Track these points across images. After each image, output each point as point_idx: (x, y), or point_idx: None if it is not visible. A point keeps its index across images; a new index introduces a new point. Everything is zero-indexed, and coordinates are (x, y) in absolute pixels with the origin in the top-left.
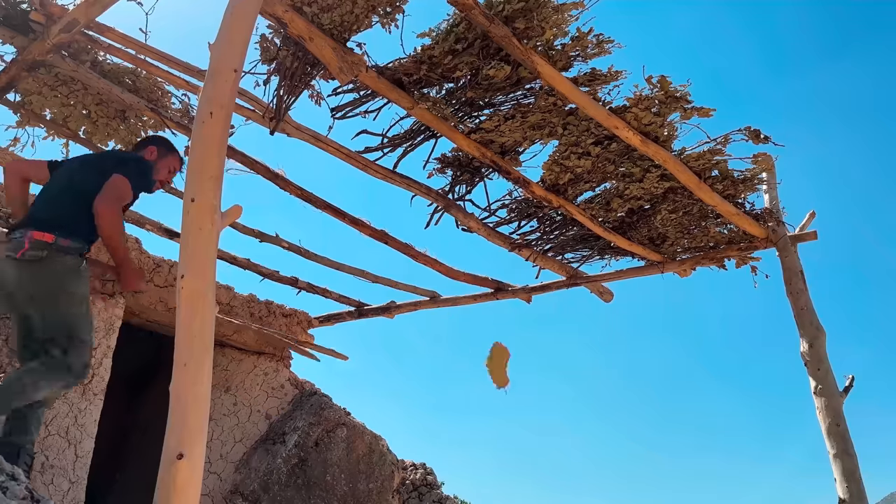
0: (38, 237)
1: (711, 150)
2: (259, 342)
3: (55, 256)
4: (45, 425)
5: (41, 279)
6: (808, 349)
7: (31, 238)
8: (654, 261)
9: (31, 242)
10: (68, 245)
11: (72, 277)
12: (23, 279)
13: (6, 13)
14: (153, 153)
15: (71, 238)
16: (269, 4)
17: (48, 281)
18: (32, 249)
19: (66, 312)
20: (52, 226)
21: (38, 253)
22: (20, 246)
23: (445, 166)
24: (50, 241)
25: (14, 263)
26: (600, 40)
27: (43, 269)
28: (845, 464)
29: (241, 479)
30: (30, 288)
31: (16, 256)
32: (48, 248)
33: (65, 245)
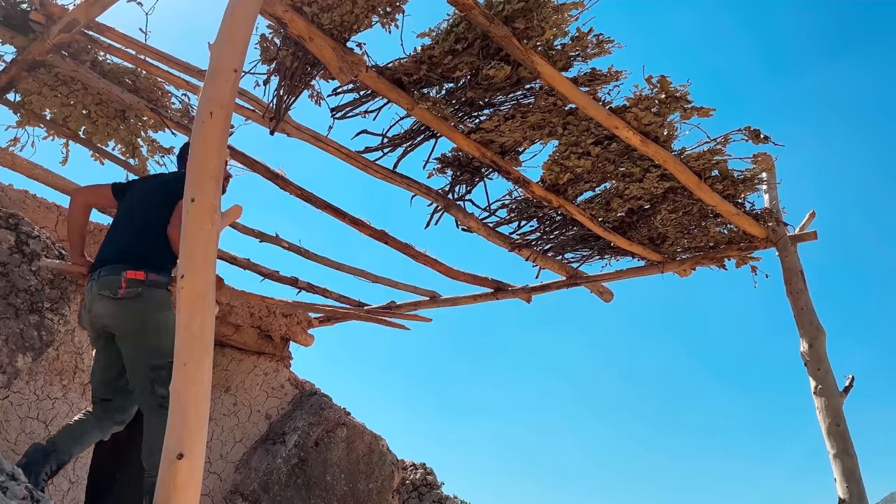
0: (132, 276)
1: (711, 150)
2: (259, 342)
3: (148, 292)
4: (46, 425)
5: (137, 315)
6: (808, 349)
7: (126, 277)
8: (654, 261)
9: (127, 281)
10: (158, 279)
11: (163, 310)
12: (119, 316)
13: (6, 13)
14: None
15: (160, 272)
16: (269, 4)
17: (144, 316)
18: (129, 287)
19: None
20: (142, 262)
21: (133, 290)
22: (116, 284)
23: (445, 166)
24: (143, 278)
25: (109, 301)
26: (600, 40)
27: (138, 305)
28: (845, 464)
29: (241, 479)
30: (127, 324)
31: (114, 296)
32: (142, 284)
33: (155, 280)
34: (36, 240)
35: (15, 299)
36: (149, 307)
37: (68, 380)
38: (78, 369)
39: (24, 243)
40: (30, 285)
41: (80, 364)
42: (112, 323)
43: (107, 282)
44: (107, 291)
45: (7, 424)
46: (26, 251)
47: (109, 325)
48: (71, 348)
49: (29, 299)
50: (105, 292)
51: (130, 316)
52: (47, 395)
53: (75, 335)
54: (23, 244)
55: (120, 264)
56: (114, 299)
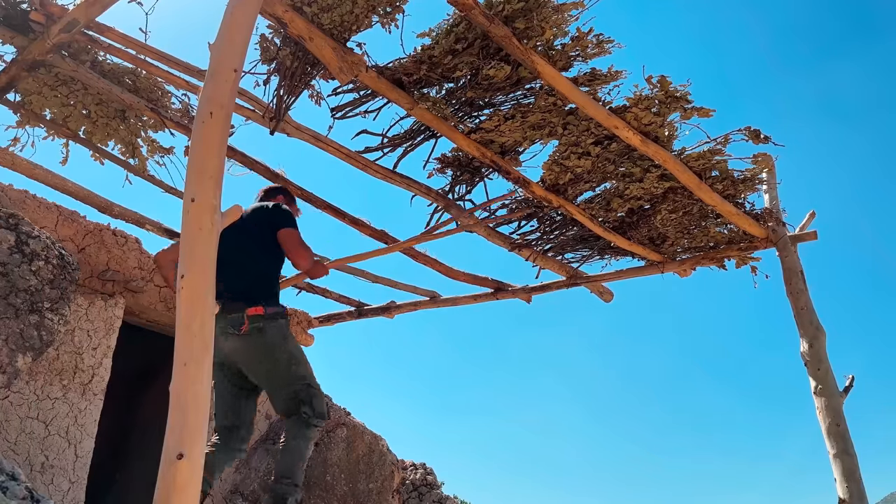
0: (253, 312)
1: (711, 150)
2: None
3: (269, 324)
4: (46, 425)
5: (264, 348)
6: (808, 349)
7: (248, 315)
8: (654, 261)
9: (249, 318)
10: (275, 311)
11: (287, 340)
12: (247, 351)
13: (6, 13)
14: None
15: (275, 304)
16: (269, 4)
17: (271, 349)
18: (252, 323)
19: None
20: (257, 297)
21: (257, 325)
22: (239, 322)
23: (445, 166)
24: (262, 312)
25: (236, 338)
26: (600, 40)
27: (263, 339)
28: (845, 464)
29: (241, 479)
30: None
31: (239, 333)
32: (262, 319)
33: (273, 312)
34: (36, 240)
35: (15, 299)
36: (274, 339)
37: (68, 380)
38: (78, 369)
39: (24, 243)
40: (30, 285)
41: (80, 364)
42: (242, 358)
43: (231, 319)
44: (231, 329)
45: (7, 424)
46: (26, 251)
47: (239, 360)
48: (71, 348)
49: (29, 299)
50: (230, 329)
51: (258, 350)
52: (47, 395)
53: (75, 335)
54: (23, 244)
55: (239, 301)
56: (240, 336)
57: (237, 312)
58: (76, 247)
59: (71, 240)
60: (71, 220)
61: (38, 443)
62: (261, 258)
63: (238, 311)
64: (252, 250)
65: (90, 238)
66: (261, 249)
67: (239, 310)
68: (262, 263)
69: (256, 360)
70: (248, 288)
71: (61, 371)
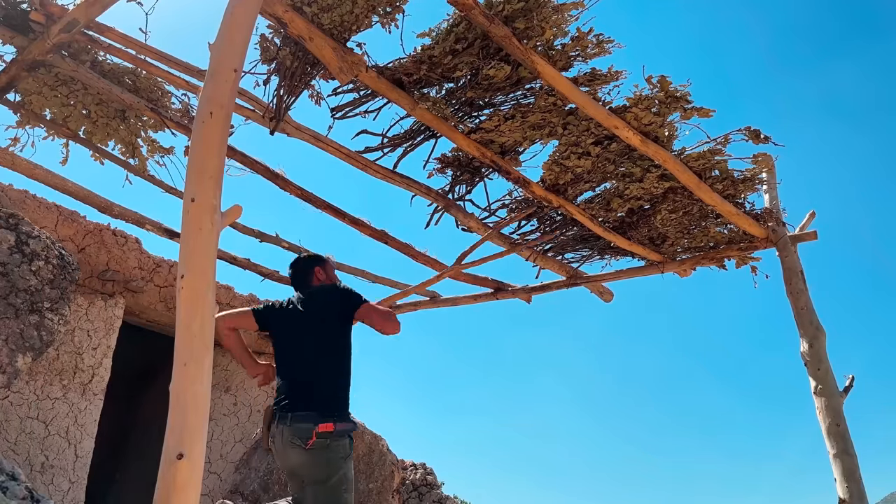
0: (323, 429)
1: (711, 150)
2: (259, 342)
3: (335, 443)
4: (46, 425)
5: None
6: (808, 349)
7: (317, 431)
8: (654, 261)
9: (318, 434)
10: (343, 429)
11: (347, 461)
12: (307, 466)
13: (6, 13)
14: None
15: (345, 421)
16: (269, 4)
17: (329, 467)
18: (319, 439)
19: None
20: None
21: (323, 442)
22: (307, 436)
23: (445, 166)
24: (332, 430)
25: (300, 451)
26: (600, 40)
27: (326, 456)
28: (845, 464)
29: (241, 479)
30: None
31: (304, 446)
32: (330, 436)
33: (342, 430)
34: (36, 240)
35: (15, 299)
36: (335, 457)
37: (68, 380)
38: (78, 369)
39: (24, 243)
40: (30, 285)
41: (80, 364)
42: (301, 471)
43: (298, 430)
44: (298, 441)
45: (7, 424)
46: (26, 251)
47: (299, 471)
48: (71, 348)
49: (29, 299)
50: (296, 441)
51: (318, 466)
52: (47, 395)
53: (75, 335)
54: (23, 244)
55: (310, 412)
56: (304, 449)
57: (307, 424)
58: (76, 247)
59: (71, 240)
60: (71, 220)
61: (38, 443)
62: (333, 363)
63: (309, 422)
64: (323, 354)
65: (90, 238)
66: (332, 351)
67: (310, 421)
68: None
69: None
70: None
71: (61, 371)
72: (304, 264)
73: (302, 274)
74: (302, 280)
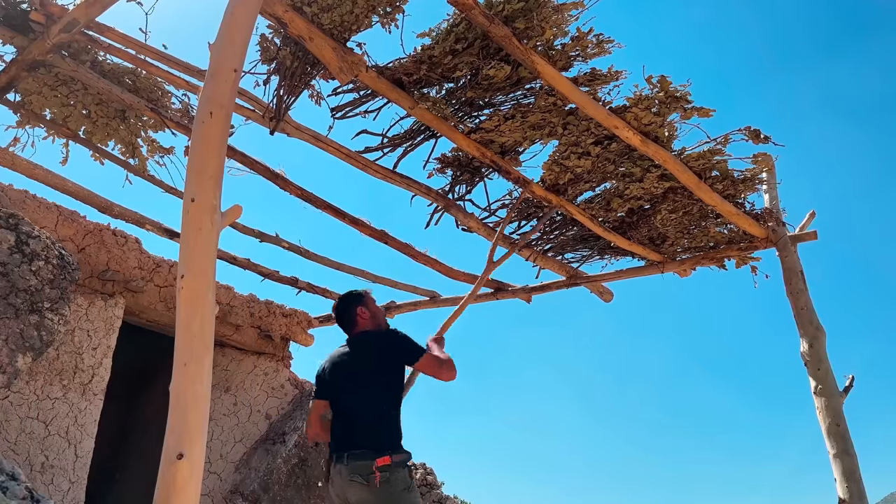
0: (381, 463)
1: (711, 150)
2: (259, 342)
3: (394, 475)
4: (46, 425)
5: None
6: (808, 349)
7: (377, 465)
8: (653, 261)
9: (379, 468)
10: (400, 460)
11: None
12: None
13: (6, 13)
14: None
15: (400, 452)
16: (269, 4)
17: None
18: (381, 473)
19: None
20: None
21: (384, 476)
22: (368, 471)
23: (445, 166)
24: (389, 462)
25: (361, 487)
26: (600, 40)
27: (388, 490)
28: (845, 464)
29: (241, 479)
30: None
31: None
32: (389, 469)
33: (398, 461)
34: (36, 240)
35: (15, 299)
36: (397, 490)
37: (68, 380)
38: (78, 369)
39: (24, 243)
40: (30, 285)
41: (80, 364)
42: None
43: (357, 467)
44: (358, 478)
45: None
46: (26, 251)
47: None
48: (71, 348)
49: (29, 299)
50: (357, 478)
51: (383, 499)
52: (47, 395)
53: (75, 335)
54: (23, 244)
55: (367, 450)
56: (365, 486)
57: (364, 461)
58: (76, 247)
59: (71, 240)
60: (71, 220)
61: (38, 443)
62: (384, 401)
63: (366, 459)
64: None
65: (90, 238)
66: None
67: (367, 458)
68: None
69: None
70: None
71: (61, 371)
72: (344, 308)
73: (345, 319)
74: (347, 324)
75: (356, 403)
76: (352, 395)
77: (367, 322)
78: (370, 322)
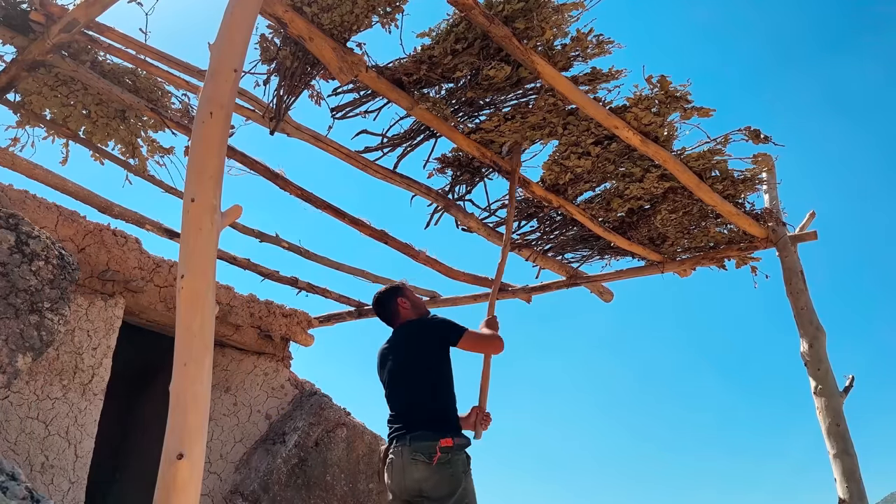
0: (444, 444)
1: (711, 150)
2: (259, 342)
3: (455, 456)
4: (46, 425)
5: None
6: (808, 349)
7: (440, 446)
8: (653, 261)
9: (441, 449)
10: (460, 443)
11: (466, 475)
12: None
13: (6, 13)
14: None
15: (460, 436)
16: (269, 4)
17: (454, 481)
18: (443, 453)
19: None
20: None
21: (446, 456)
22: (431, 451)
23: (446, 166)
24: (451, 445)
25: (424, 466)
26: (600, 41)
27: (449, 470)
28: (845, 464)
29: (241, 479)
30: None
31: (429, 461)
32: (451, 450)
33: (459, 444)
34: (36, 240)
35: (15, 299)
36: (458, 472)
37: (68, 380)
38: (78, 369)
39: (24, 243)
40: (30, 285)
41: (80, 364)
42: (426, 485)
43: (420, 447)
44: (420, 456)
45: (7, 424)
46: (26, 251)
47: (425, 488)
48: (71, 348)
49: (29, 299)
50: (419, 457)
51: (442, 480)
52: (47, 395)
53: (75, 335)
54: (23, 244)
55: (427, 430)
56: (428, 464)
57: (427, 442)
58: (76, 247)
59: (71, 240)
60: (71, 220)
61: (38, 443)
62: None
63: (429, 440)
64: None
65: (90, 238)
66: (434, 377)
67: (429, 439)
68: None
69: (439, 488)
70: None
71: (61, 371)
72: (385, 301)
73: (388, 311)
74: (391, 317)
75: (409, 391)
76: (403, 384)
77: (409, 312)
78: (412, 311)
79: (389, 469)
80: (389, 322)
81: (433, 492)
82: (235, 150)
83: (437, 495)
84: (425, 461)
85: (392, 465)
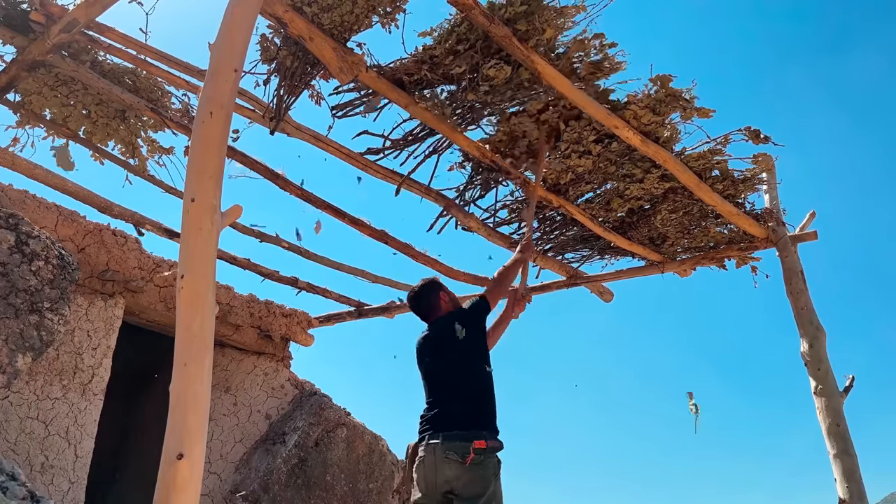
0: (478, 445)
1: (712, 150)
2: (259, 342)
3: (487, 459)
4: (46, 425)
5: (480, 480)
6: (808, 349)
7: (474, 447)
8: (654, 261)
9: (475, 450)
10: (493, 446)
11: (496, 478)
12: (463, 479)
13: (6, 13)
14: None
15: (494, 439)
16: (269, 4)
17: (485, 483)
18: (476, 454)
19: None
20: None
21: (479, 457)
22: (465, 451)
23: (467, 161)
24: (485, 447)
25: (458, 465)
26: (602, 44)
27: (481, 471)
28: (845, 464)
29: (241, 479)
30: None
31: (462, 461)
32: (484, 452)
33: (492, 446)
34: (36, 240)
35: (15, 299)
36: (489, 474)
37: (68, 380)
38: (78, 369)
39: (24, 243)
40: (30, 285)
41: (80, 364)
42: (457, 484)
43: (453, 446)
44: (454, 455)
45: (7, 424)
46: (26, 251)
47: (456, 486)
48: (71, 348)
49: (29, 299)
50: (452, 455)
51: (474, 481)
52: (47, 395)
53: (75, 335)
54: (23, 244)
55: (461, 430)
56: (461, 463)
57: (461, 442)
58: (76, 247)
59: (71, 240)
60: (71, 220)
61: (38, 443)
62: (473, 384)
63: (463, 439)
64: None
65: (90, 238)
66: (468, 373)
67: (464, 439)
68: (476, 390)
69: (470, 488)
70: (469, 418)
71: (61, 371)
72: (426, 294)
73: (427, 305)
74: (428, 310)
75: (446, 389)
76: (439, 381)
77: (448, 305)
78: (451, 304)
79: (420, 466)
80: (426, 316)
81: (464, 490)
82: (235, 150)
83: (468, 494)
84: (459, 460)
85: (423, 462)
